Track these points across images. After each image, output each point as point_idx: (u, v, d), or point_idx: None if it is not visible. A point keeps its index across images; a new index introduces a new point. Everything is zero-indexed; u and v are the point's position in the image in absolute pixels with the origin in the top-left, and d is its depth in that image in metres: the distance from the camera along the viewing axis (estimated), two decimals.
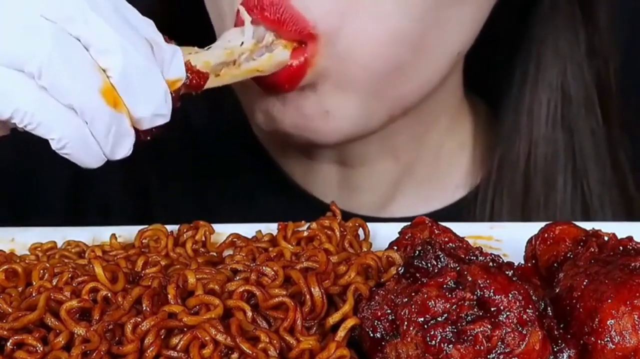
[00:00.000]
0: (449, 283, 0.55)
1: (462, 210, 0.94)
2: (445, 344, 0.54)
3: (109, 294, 0.61)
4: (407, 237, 0.65)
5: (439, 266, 0.60)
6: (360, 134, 0.81)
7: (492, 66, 0.88)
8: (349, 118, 0.78)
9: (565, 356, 0.56)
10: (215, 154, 0.96)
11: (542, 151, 0.91)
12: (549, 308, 0.58)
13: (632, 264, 0.58)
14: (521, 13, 0.89)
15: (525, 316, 0.54)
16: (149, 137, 0.65)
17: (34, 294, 0.62)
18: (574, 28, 0.90)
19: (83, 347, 0.56)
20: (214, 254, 0.71)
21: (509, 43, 0.90)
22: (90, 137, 0.61)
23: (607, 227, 0.65)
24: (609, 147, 0.93)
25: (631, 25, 1.05)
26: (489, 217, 0.92)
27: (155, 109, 0.63)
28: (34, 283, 0.64)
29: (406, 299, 0.56)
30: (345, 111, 0.78)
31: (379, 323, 0.57)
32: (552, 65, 0.90)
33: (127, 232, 0.73)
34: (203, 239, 0.72)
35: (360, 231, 0.72)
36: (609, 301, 0.56)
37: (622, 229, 0.65)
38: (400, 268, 0.61)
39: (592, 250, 0.62)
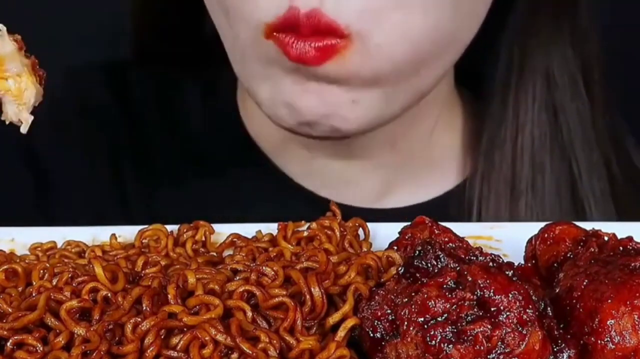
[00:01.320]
0: (449, 282, 0.55)
1: (453, 198, 0.95)
2: (445, 344, 0.54)
3: (109, 294, 0.61)
4: (407, 237, 0.65)
5: (439, 266, 0.60)
6: (380, 122, 0.82)
7: (477, 52, 0.89)
8: (374, 107, 0.80)
9: (565, 356, 0.56)
10: (208, 153, 0.97)
11: (529, 132, 0.93)
12: (549, 308, 0.58)
13: (632, 264, 0.58)
14: (506, 1, 0.90)
15: (525, 316, 0.54)
16: None
17: (34, 294, 0.61)
18: (557, 15, 0.92)
19: (83, 347, 0.56)
20: (214, 254, 0.71)
21: (494, 30, 0.91)
22: None
23: (607, 227, 0.65)
24: (594, 127, 0.94)
25: (612, 10, 1.08)
26: (477, 201, 0.93)
27: None
28: (34, 283, 0.64)
29: (406, 299, 0.56)
30: (371, 101, 0.79)
31: (379, 323, 0.57)
32: (537, 51, 0.92)
33: (127, 232, 0.73)
34: (203, 239, 0.72)
35: (360, 231, 0.72)
36: (609, 301, 0.56)
37: (622, 229, 0.65)
38: (400, 268, 0.61)
39: (592, 250, 0.62)
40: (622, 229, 0.65)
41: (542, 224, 0.67)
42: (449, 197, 0.96)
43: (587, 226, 0.66)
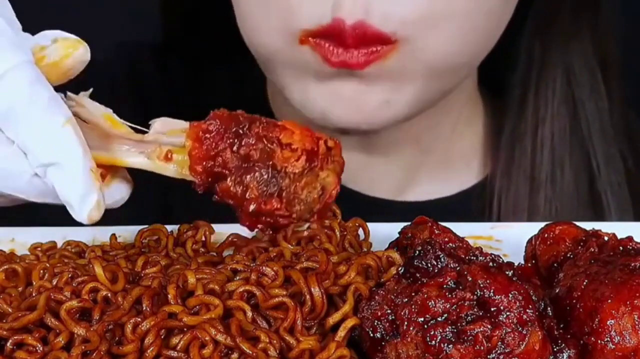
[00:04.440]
0: (449, 283, 0.55)
1: (474, 194, 0.97)
2: (445, 344, 0.54)
3: (109, 294, 0.61)
4: (407, 237, 0.65)
5: (439, 266, 0.60)
6: (405, 119, 0.83)
7: (498, 47, 0.90)
8: (406, 105, 0.81)
9: (565, 356, 0.56)
10: None
11: (549, 126, 0.94)
12: (549, 308, 0.58)
13: (632, 264, 0.58)
14: None
15: (525, 316, 0.54)
16: None
17: (34, 294, 0.61)
18: (578, 11, 0.93)
19: (83, 347, 0.56)
20: (214, 254, 0.71)
21: (515, 25, 0.92)
22: None
23: (607, 227, 0.65)
24: (612, 121, 0.96)
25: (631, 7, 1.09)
26: (497, 194, 0.94)
27: None
28: (34, 283, 0.64)
29: (406, 299, 0.56)
30: (404, 100, 0.80)
31: (379, 323, 0.57)
32: (558, 47, 0.93)
33: (127, 232, 0.73)
34: (203, 239, 0.72)
35: (360, 231, 0.72)
36: (609, 301, 0.56)
37: (622, 229, 0.65)
38: (400, 268, 0.61)
39: (592, 250, 0.62)
40: (622, 229, 0.65)
41: (542, 224, 0.67)
42: (469, 193, 0.97)
43: (587, 225, 0.66)
